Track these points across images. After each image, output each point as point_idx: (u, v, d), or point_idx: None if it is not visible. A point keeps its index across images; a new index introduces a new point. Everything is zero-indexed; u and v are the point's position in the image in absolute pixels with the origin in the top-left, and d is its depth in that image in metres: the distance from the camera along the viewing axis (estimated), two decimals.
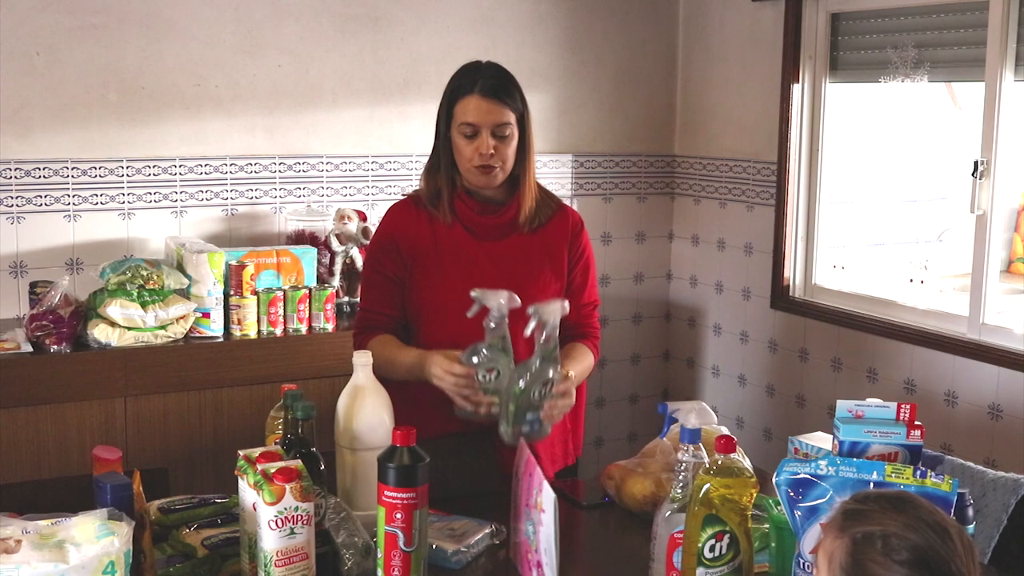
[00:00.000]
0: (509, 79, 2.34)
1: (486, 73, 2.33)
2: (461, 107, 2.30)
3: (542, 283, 2.39)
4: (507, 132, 2.30)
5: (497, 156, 2.29)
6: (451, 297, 2.32)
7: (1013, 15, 3.23)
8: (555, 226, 2.43)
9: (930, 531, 1.36)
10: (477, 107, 2.28)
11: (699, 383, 4.49)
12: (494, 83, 2.30)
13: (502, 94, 2.30)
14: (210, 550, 1.80)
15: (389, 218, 2.45)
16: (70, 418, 3.05)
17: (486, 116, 2.28)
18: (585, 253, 2.47)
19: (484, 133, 2.28)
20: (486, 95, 2.28)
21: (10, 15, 3.33)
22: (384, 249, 2.41)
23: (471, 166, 2.31)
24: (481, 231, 2.38)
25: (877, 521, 1.37)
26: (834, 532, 1.41)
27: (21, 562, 1.52)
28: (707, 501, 1.66)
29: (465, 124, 2.29)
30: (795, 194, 3.99)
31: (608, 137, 4.36)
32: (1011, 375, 3.24)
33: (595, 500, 2.23)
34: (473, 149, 2.29)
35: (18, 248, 3.42)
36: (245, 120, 3.69)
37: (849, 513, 1.41)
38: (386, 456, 1.72)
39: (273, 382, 3.14)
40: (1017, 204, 4.59)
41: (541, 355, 2.12)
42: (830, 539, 1.41)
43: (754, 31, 4.09)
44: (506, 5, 4.07)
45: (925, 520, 1.37)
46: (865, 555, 1.35)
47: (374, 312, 2.42)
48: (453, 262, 2.36)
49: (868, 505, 1.41)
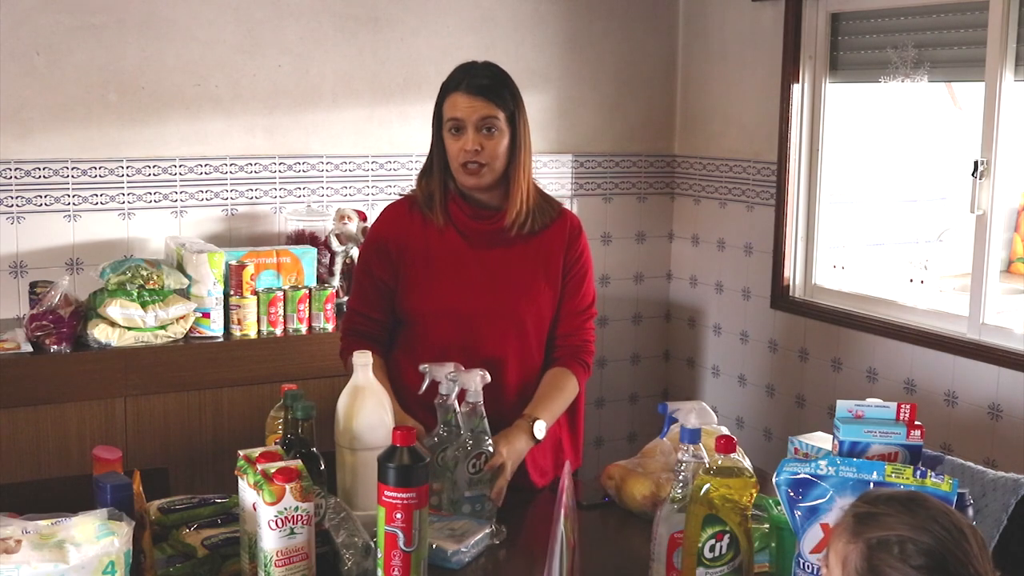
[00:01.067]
0: (499, 77, 2.31)
1: (475, 71, 2.30)
2: (448, 104, 2.28)
3: (534, 292, 2.35)
4: (493, 127, 2.27)
5: (483, 153, 2.25)
6: (440, 303, 2.31)
7: (1013, 15, 3.23)
8: (552, 232, 2.38)
9: (945, 533, 1.36)
10: (462, 102, 2.26)
11: (699, 383, 4.49)
12: (481, 80, 2.28)
13: (488, 90, 2.27)
14: (210, 550, 1.80)
15: (383, 219, 2.42)
16: (70, 418, 3.05)
17: (470, 111, 2.25)
18: (581, 258, 2.41)
19: (469, 129, 2.26)
20: (471, 91, 2.26)
21: (10, 15, 3.33)
22: (374, 251, 2.38)
23: (458, 164, 2.28)
24: (474, 236, 2.34)
25: (890, 525, 1.37)
26: (846, 536, 1.40)
27: (21, 562, 1.52)
28: (707, 501, 1.66)
29: (451, 120, 2.27)
30: (795, 194, 3.99)
31: (608, 137, 4.36)
32: (1011, 375, 3.24)
33: (595, 500, 2.23)
34: (459, 146, 2.27)
35: (18, 248, 3.42)
36: (245, 120, 3.69)
37: (861, 517, 1.41)
38: (386, 456, 1.72)
39: (273, 382, 3.14)
40: (1017, 204, 4.59)
41: (469, 428, 2.06)
42: (842, 543, 1.40)
43: (754, 31, 4.09)
44: (506, 5, 4.07)
45: (939, 522, 1.37)
46: (882, 560, 1.36)
47: (360, 315, 2.40)
48: (443, 267, 2.33)
49: (880, 508, 1.41)
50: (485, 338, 2.31)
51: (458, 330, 2.31)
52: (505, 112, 2.28)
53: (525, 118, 2.33)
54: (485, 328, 2.31)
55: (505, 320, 2.32)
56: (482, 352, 2.28)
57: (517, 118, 2.30)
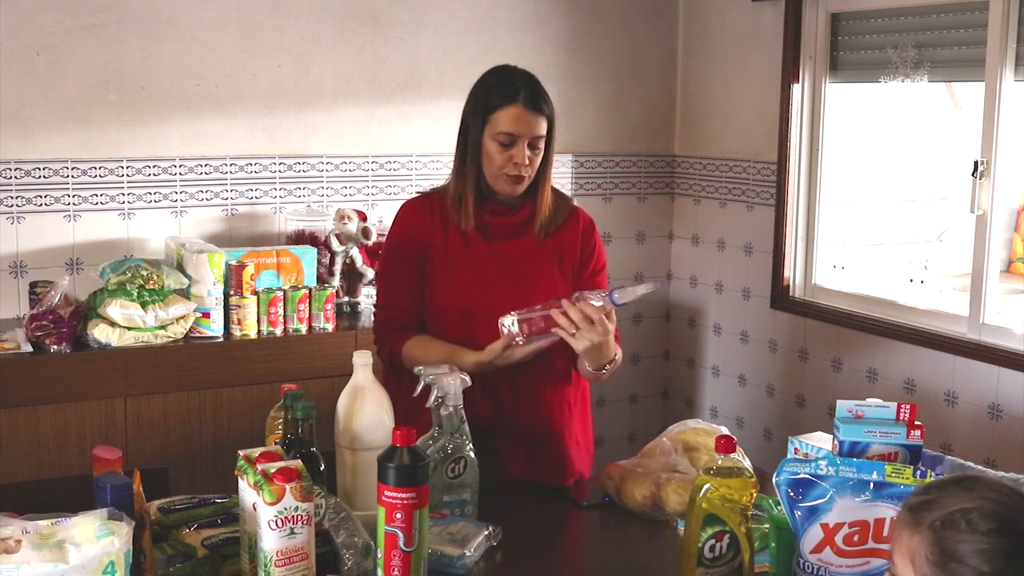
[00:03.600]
0: (542, 88, 2.32)
1: (524, 80, 2.30)
2: (502, 116, 2.26)
3: (550, 284, 2.36)
4: (541, 144, 2.29)
5: (529, 166, 2.28)
6: (459, 296, 2.32)
7: (1013, 15, 3.23)
8: (567, 228, 2.41)
9: (1006, 496, 1.35)
10: (519, 117, 2.25)
11: (699, 383, 4.49)
12: (534, 93, 2.28)
13: (542, 104, 2.28)
14: (210, 550, 1.80)
15: (404, 215, 2.43)
16: (70, 418, 3.05)
17: (526, 127, 2.26)
18: (595, 251, 2.45)
19: (521, 144, 2.26)
20: (528, 106, 2.26)
21: (10, 15, 3.33)
22: (402, 244, 2.39)
23: (501, 173, 2.29)
24: (492, 230, 2.36)
25: (949, 504, 1.35)
26: (908, 531, 1.37)
27: (21, 562, 1.52)
28: (707, 501, 1.66)
29: (503, 133, 2.26)
30: (795, 194, 3.99)
31: (608, 137, 4.36)
32: (1011, 375, 3.24)
33: (595, 500, 2.22)
34: (506, 158, 2.27)
35: (18, 248, 3.42)
36: (245, 120, 3.69)
37: (917, 507, 1.38)
38: (386, 456, 1.72)
39: (273, 382, 3.13)
40: (1017, 204, 4.59)
41: (449, 431, 2.04)
42: (905, 538, 1.37)
43: (754, 31, 4.09)
44: (506, 5, 4.07)
45: (995, 488, 1.36)
46: (951, 539, 1.33)
47: (395, 309, 2.38)
48: (462, 262, 2.35)
49: (933, 494, 1.39)
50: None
51: (476, 323, 2.31)
52: (551, 128, 2.31)
53: (555, 128, 2.35)
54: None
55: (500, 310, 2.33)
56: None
57: (553, 130, 2.33)
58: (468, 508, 2.06)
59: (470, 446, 2.06)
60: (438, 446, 2.02)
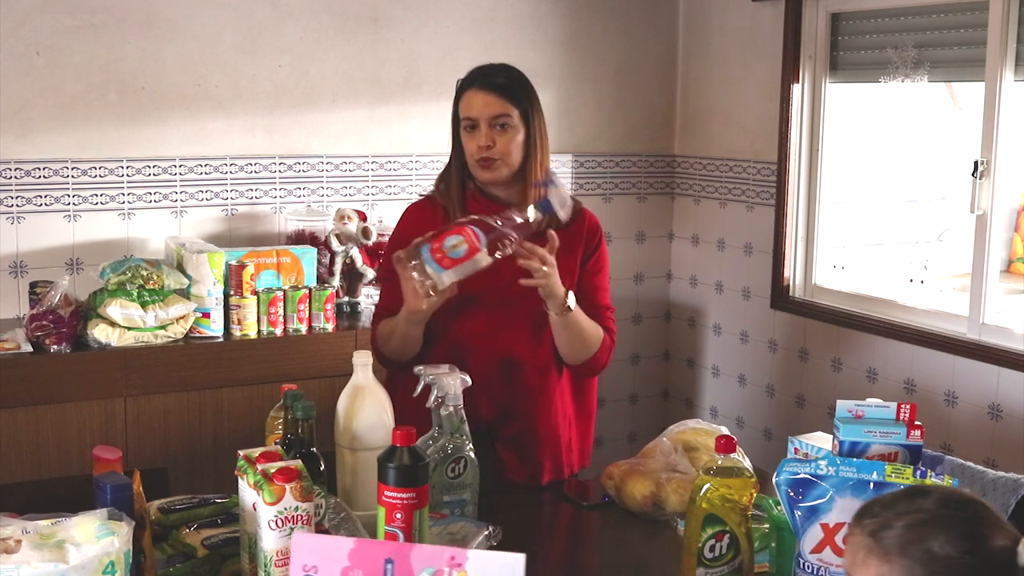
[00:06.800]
0: (513, 75, 2.37)
1: (489, 70, 2.37)
2: (463, 102, 2.35)
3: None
4: (506, 124, 2.31)
5: (495, 149, 2.30)
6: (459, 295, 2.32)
7: (1013, 15, 3.23)
8: (572, 228, 2.40)
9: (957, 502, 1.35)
10: (475, 100, 2.32)
11: (699, 383, 4.49)
12: (494, 79, 2.33)
13: (501, 88, 2.32)
14: (210, 550, 1.80)
15: (407, 218, 2.47)
16: (70, 418, 3.05)
17: (483, 108, 2.31)
18: (597, 252, 2.46)
19: (482, 126, 2.31)
20: (484, 88, 2.32)
21: (10, 15, 3.33)
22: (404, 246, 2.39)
23: (473, 160, 2.34)
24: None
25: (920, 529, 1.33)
26: (876, 559, 1.34)
27: (21, 562, 1.52)
28: (707, 501, 1.66)
29: (465, 119, 2.34)
30: (795, 194, 3.99)
31: (608, 137, 4.36)
32: (1011, 375, 3.24)
33: (595, 500, 2.23)
34: (474, 143, 2.32)
35: (18, 248, 3.42)
36: (245, 120, 3.69)
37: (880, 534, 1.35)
38: (386, 456, 1.72)
39: (273, 382, 3.14)
40: (1017, 204, 4.58)
41: (449, 431, 2.04)
42: (874, 567, 1.35)
43: (754, 31, 4.09)
44: (506, 5, 4.07)
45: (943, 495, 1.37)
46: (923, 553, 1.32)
47: (396, 312, 2.37)
48: None
49: (888, 514, 1.36)
50: (501, 328, 2.33)
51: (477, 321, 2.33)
52: (519, 109, 2.33)
53: (540, 116, 2.38)
54: (502, 318, 2.34)
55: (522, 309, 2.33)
56: (499, 340, 2.32)
57: (532, 115, 2.35)
58: (468, 508, 2.06)
59: (470, 446, 2.06)
60: (438, 446, 2.02)
